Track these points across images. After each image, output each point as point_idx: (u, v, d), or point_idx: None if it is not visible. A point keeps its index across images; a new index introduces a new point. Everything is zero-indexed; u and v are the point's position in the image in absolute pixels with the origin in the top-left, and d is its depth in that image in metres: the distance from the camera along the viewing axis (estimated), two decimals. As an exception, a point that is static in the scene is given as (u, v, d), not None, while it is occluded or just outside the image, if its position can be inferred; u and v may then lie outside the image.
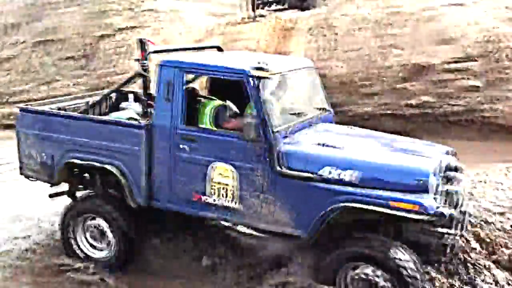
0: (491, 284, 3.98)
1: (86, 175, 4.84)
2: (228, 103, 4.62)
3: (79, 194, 4.79)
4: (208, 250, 4.55)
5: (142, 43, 5.02)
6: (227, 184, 4.32)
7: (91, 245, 4.68)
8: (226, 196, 4.34)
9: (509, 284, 3.99)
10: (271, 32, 9.72)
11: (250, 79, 4.14)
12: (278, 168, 4.05)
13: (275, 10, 10.67)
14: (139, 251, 4.56)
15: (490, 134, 7.63)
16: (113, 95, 5.37)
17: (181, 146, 4.39)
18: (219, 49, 5.59)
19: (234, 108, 4.64)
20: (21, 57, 10.20)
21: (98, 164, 4.59)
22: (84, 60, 9.94)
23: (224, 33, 9.95)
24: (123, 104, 5.37)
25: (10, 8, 11.19)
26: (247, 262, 4.42)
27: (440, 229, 3.91)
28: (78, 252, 4.67)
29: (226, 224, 4.78)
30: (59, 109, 5.13)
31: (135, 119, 4.87)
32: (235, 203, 4.31)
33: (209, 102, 4.50)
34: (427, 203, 3.67)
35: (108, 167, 4.58)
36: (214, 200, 4.36)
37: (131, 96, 5.41)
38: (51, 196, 5.05)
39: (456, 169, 4.20)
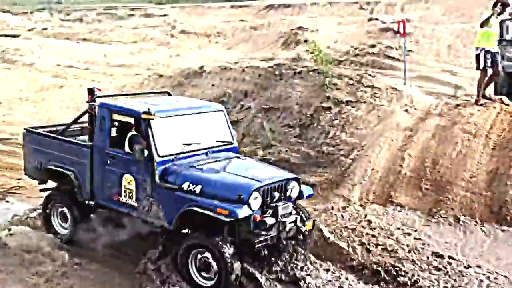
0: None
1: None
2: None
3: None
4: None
5: (91, 89, 6.91)
6: (131, 189, 6.30)
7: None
8: (131, 198, 6.32)
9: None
10: (494, 118, 9.13)
11: (141, 119, 6.17)
12: (157, 181, 6.01)
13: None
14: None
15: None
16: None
17: (107, 161, 6.50)
18: (168, 94, 8.01)
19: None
20: (245, 122, 11.12)
21: (61, 170, 6.95)
22: (299, 129, 10.40)
23: (442, 114, 9.62)
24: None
25: (246, 78, 12.42)
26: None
27: (257, 231, 5.62)
28: None
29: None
30: (51, 131, 7.42)
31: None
32: (135, 203, 6.28)
33: (129, 132, 6.52)
34: (237, 211, 5.38)
35: (67, 172, 6.87)
36: (125, 200, 6.39)
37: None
38: (41, 190, 7.52)
39: (283, 190, 5.98)
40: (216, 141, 6.68)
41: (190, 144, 6.26)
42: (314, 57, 11.95)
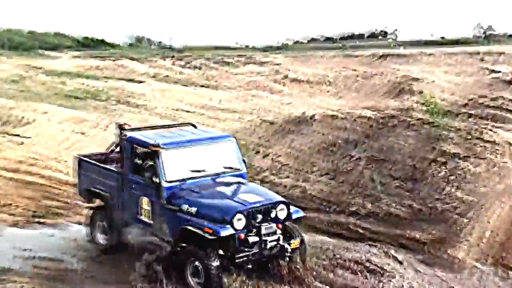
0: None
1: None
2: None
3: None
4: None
5: (120, 125, 8.15)
6: (148, 210, 7.52)
7: None
8: (148, 217, 7.54)
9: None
10: None
11: (152, 150, 7.37)
12: (164, 202, 7.20)
13: None
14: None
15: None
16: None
17: (131, 185, 7.75)
18: (193, 126, 8.95)
19: None
20: (354, 173, 10.93)
21: (98, 191, 8.37)
22: (410, 183, 10.01)
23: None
24: None
25: (356, 127, 12.31)
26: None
27: (241, 248, 6.72)
28: None
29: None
30: (95, 159, 8.75)
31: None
32: (150, 220, 7.49)
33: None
34: (220, 230, 6.53)
35: (104, 194, 8.27)
36: (143, 218, 7.61)
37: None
38: (87, 207, 8.97)
39: (266, 213, 6.94)
40: (224, 168, 7.72)
41: (197, 171, 7.43)
42: (429, 109, 11.58)
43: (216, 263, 6.61)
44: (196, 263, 6.77)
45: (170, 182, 7.21)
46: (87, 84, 35.97)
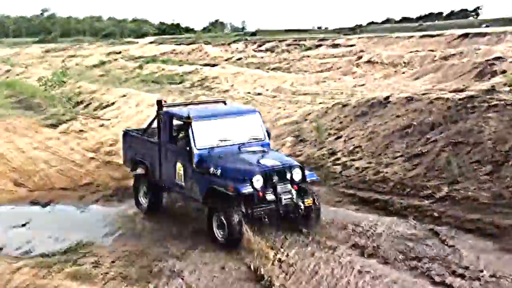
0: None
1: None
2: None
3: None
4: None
5: (159, 101, 9.35)
6: (181, 173, 8.59)
7: None
8: (181, 179, 8.60)
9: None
10: None
11: (184, 122, 8.47)
12: (194, 166, 8.28)
13: None
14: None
15: None
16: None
17: (168, 153, 8.91)
18: (224, 102, 10.47)
19: None
20: (430, 155, 10.57)
21: (140, 159, 9.71)
22: (490, 166, 9.55)
23: None
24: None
25: (434, 109, 11.88)
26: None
27: (260, 204, 7.80)
28: None
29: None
30: (137, 132, 10.32)
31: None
32: (183, 183, 8.57)
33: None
34: (241, 188, 7.55)
35: (145, 161, 9.53)
36: (177, 181, 8.71)
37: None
38: (132, 172, 10.00)
39: (282, 175, 7.99)
40: (249, 138, 8.84)
41: (224, 140, 8.58)
42: (512, 89, 10.95)
43: (237, 216, 7.61)
44: (221, 217, 7.76)
45: (199, 149, 8.32)
46: (163, 68, 37.07)
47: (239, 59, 49.86)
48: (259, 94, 24.43)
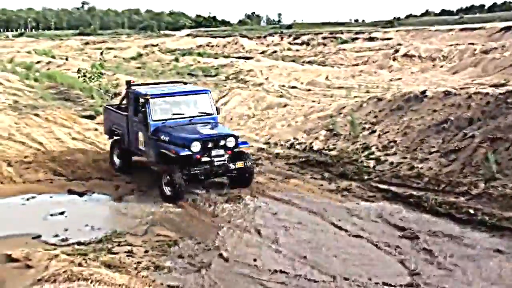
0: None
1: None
2: None
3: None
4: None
5: (128, 81, 11.71)
6: (142, 141, 10.72)
7: None
8: (142, 145, 10.76)
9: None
10: None
11: (144, 99, 10.62)
12: (149, 134, 10.37)
13: None
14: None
15: None
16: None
17: (133, 124, 11.00)
18: (184, 83, 12.90)
19: None
20: (466, 151, 10.35)
21: (114, 129, 11.90)
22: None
23: None
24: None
25: (472, 104, 11.61)
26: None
27: (197, 165, 9.82)
28: None
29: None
30: (112, 106, 12.82)
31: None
32: (144, 148, 10.75)
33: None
34: (180, 151, 9.61)
35: (118, 131, 11.71)
36: (140, 147, 10.86)
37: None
38: (110, 139, 12.28)
39: (217, 142, 9.97)
40: (199, 112, 10.87)
41: (177, 114, 10.62)
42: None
43: (179, 174, 9.54)
44: (167, 176, 9.66)
45: (154, 120, 10.39)
46: (198, 60, 37.33)
47: (274, 52, 49.76)
48: (293, 87, 24.34)
